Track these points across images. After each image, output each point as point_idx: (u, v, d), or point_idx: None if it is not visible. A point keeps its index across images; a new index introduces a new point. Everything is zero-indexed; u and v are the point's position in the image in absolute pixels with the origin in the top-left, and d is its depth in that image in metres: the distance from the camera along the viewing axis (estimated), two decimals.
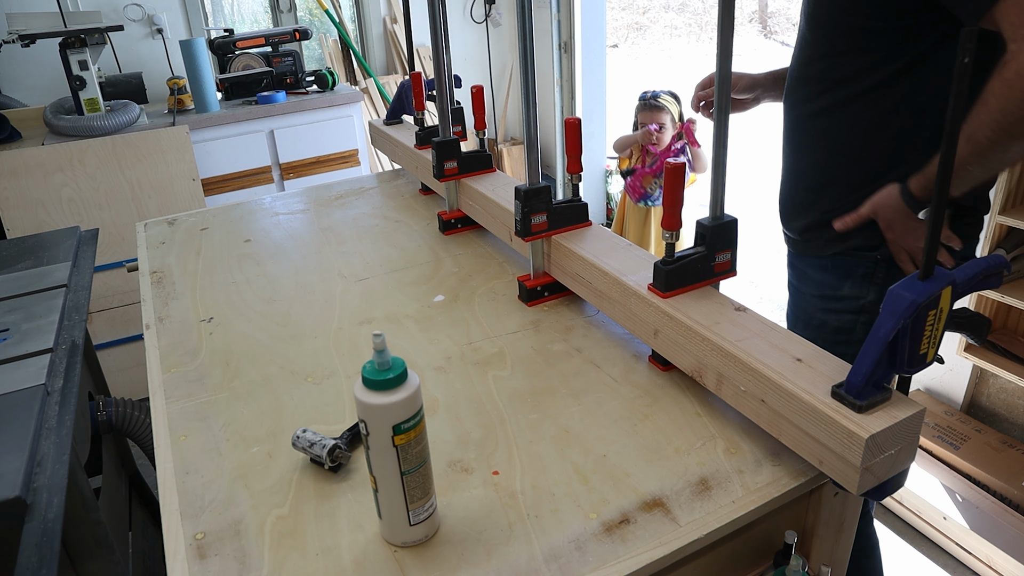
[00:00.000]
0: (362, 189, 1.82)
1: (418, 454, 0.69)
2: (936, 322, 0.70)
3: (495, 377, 1.00)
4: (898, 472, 0.74)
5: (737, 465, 0.81)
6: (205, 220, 1.67)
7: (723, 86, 0.86)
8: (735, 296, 0.95)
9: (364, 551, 0.73)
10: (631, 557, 0.70)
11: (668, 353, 0.95)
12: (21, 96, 3.29)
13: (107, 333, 2.66)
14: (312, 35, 3.35)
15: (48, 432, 1.02)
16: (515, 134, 4.69)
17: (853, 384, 0.71)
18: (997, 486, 1.95)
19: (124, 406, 1.45)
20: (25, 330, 1.26)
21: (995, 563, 1.80)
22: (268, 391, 1.00)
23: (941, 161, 0.63)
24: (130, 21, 3.46)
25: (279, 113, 2.97)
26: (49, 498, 0.91)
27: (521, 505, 0.77)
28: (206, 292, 1.31)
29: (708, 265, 0.95)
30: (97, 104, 2.66)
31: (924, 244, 0.68)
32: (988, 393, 2.20)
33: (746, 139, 5.26)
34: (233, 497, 0.81)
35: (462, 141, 1.45)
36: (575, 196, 1.18)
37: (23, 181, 2.43)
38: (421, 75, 1.64)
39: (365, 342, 1.11)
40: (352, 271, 1.36)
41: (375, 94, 4.09)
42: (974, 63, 0.59)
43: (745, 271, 2.58)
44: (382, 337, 0.66)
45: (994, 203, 1.87)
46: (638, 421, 0.89)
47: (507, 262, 1.36)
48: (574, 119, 1.10)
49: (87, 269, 1.57)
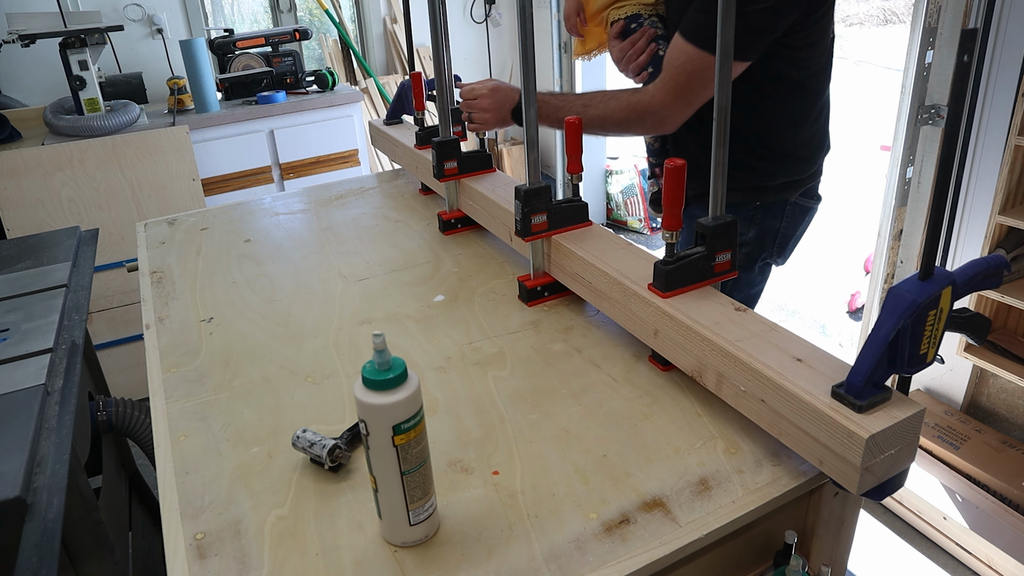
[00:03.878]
0: (362, 189, 1.82)
1: (418, 454, 0.69)
2: (936, 322, 0.70)
3: (495, 377, 1.00)
4: (898, 472, 0.74)
5: (737, 465, 0.81)
6: (205, 220, 1.67)
7: (723, 86, 0.87)
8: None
9: (364, 551, 0.73)
10: (631, 557, 0.70)
11: (668, 353, 0.95)
12: (21, 96, 3.29)
13: (107, 333, 2.65)
14: (312, 35, 3.35)
15: (48, 432, 1.02)
16: (515, 134, 4.69)
17: (853, 384, 0.71)
18: (997, 486, 1.95)
19: (124, 406, 1.45)
20: (25, 330, 1.26)
21: (995, 563, 1.80)
22: (268, 391, 1.00)
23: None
24: (130, 21, 3.46)
25: (279, 113, 2.97)
26: (49, 498, 0.91)
27: (521, 505, 0.77)
28: (206, 292, 1.31)
29: (708, 265, 0.95)
30: (97, 104, 2.66)
31: (924, 245, 0.68)
32: (988, 393, 2.20)
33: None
34: (233, 497, 0.81)
35: (462, 141, 1.45)
36: (575, 196, 1.18)
37: (23, 181, 2.43)
38: (421, 75, 1.64)
39: (365, 342, 1.11)
40: (352, 271, 1.36)
41: (375, 94, 4.09)
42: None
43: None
44: (382, 337, 0.66)
45: (994, 203, 1.87)
46: (638, 421, 0.89)
47: (507, 262, 1.36)
48: (574, 119, 1.10)
49: (87, 269, 1.57)
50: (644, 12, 1.44)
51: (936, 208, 0.68)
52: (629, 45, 1.42)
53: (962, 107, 0.62)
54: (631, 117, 1.32)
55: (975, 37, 0.59)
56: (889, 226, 2.25)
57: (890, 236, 2.26)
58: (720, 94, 0.87)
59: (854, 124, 6.04)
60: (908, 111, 2.09)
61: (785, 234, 1.45)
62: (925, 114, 2.09)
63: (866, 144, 5.44)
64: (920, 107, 2.09)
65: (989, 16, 1.83)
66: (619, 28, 1.44)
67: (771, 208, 1.41)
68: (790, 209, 1.43)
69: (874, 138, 5.28)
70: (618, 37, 1.44)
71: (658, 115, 1.29)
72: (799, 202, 1.44)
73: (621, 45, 1.44)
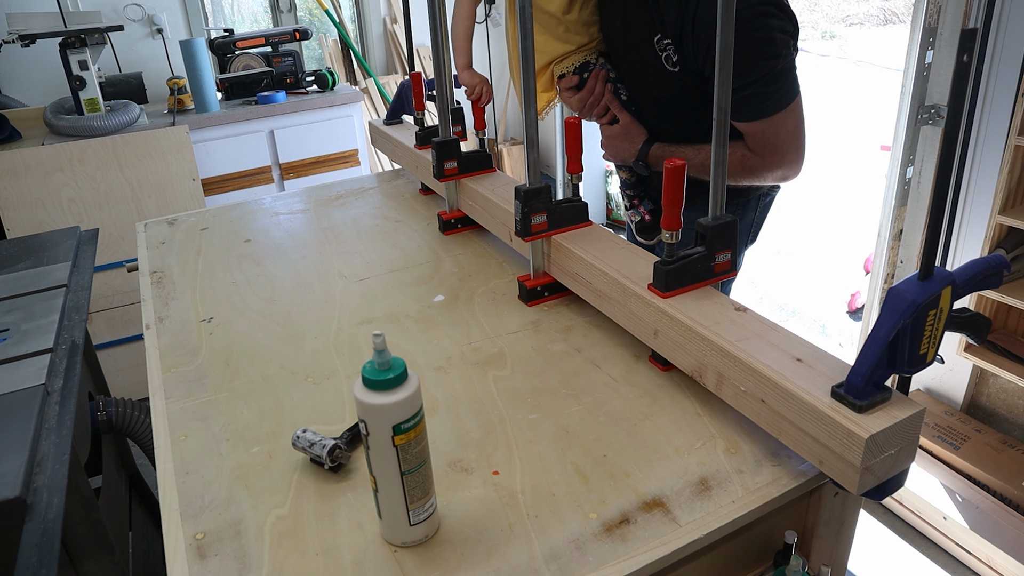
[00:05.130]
0: (362, 189, 1.82)
1: (418, 454, 0.69)
2: (936, 322, 0.70)
3: (495, 377, 1.00)
4: (898, 472, 0.74)
5: (737, 465, 0.81)
6: (205, 220, 1.67)
7: (723, 85, 0.87)
8: (735, 296, 0.95)
9: (364, 551, 0.73)
10: (631, 557, 0.70)
11: (668, 353, 0.95)
12: (21, 96, 3.29)
13: (107, 333, 2.65)
14: (312, 35, 3.35)
15: (48, 432, 1.02)
16: (515, 134, 4.69)
17: (853, 384, 0.71)
18: (997, 486, 1.95)
19: (124, 406, 1.45)
20: (25, 330, 1.26)
21: (995, 563, 1.80)
22: (268, 391, 1.00)
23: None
24: (130, 21, 3.46)
25: (279, 113, 2.97)
26: (49, 498, 0.91)
27: (521, 505, 0.77)
28: (206, 292, 1.31)
29: (708, 265, 0.95)
30: (97, 104, 2.66)
31: (924, 245, 0.68)
32: (988, 393, 2.20)
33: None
34: (233, 497, 0.81)
35: (462, 141, 1.45)
36: (575, 196, 1.18)
37: (23, 181, 2.43)
38: (421, 75, 1.64)
39: (365, 342, 1.11)
40: (352, 271, 1.36)
41: (375, 94, 4.09)
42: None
43: (745, 271, 2.58)
44: (382, 337, 0.66)
45: (994, 203, 1.87)
46: (638, 421, 0.89)
47: (507, 262, 1.36)
48: (574, 119, 1.10)
49: (87, 269, 1.57)
50: (590, 58, 1.44)
51: (936, 208, 0.68)
52: (587, 94, 1.44)
53: (962, 107, 0.62)
54: (750, 177, 1.34)
55: (975, 37, 0.59)
56: (889, 226, 2.25)
57: (890, 236, 2.26)
58: (720, 94, 0.87)
59: (854, 124, 6.04)
60: (908, 111, 2.09)
61: (759, 223, 1.55)
62: (925, 114, 2.09)
63: (866, 144, 5.44)
64: (920, 107, 2.09)
65: (989, 16, 1.83)
66: (573, 81, 1.45)
67: (748, 203, 1.49)
68: (763, 201, 1.52)
69: (874, 138, 5.28)
70: (572, 88, 1.46)
71: (794, 177, 1.35)
72: (768, 192, 1.53)
73: (579, 95, 1.45)
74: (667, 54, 1.30)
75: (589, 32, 1.44)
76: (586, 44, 1.45)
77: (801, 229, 4.16)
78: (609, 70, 1.44)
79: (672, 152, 1.39)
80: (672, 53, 1.29)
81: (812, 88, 1.28)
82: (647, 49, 1.33)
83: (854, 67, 8.22)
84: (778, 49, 1.19)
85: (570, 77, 1.45)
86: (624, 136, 1.45)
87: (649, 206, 1.54)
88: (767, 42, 1.18)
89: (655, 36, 1.30)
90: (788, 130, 1.27)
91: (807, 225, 4.23)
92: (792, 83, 1.24)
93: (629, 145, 1.45)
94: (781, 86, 1.23)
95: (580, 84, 1.45)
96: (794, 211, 4.28)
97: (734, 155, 1.31)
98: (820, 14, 9.95)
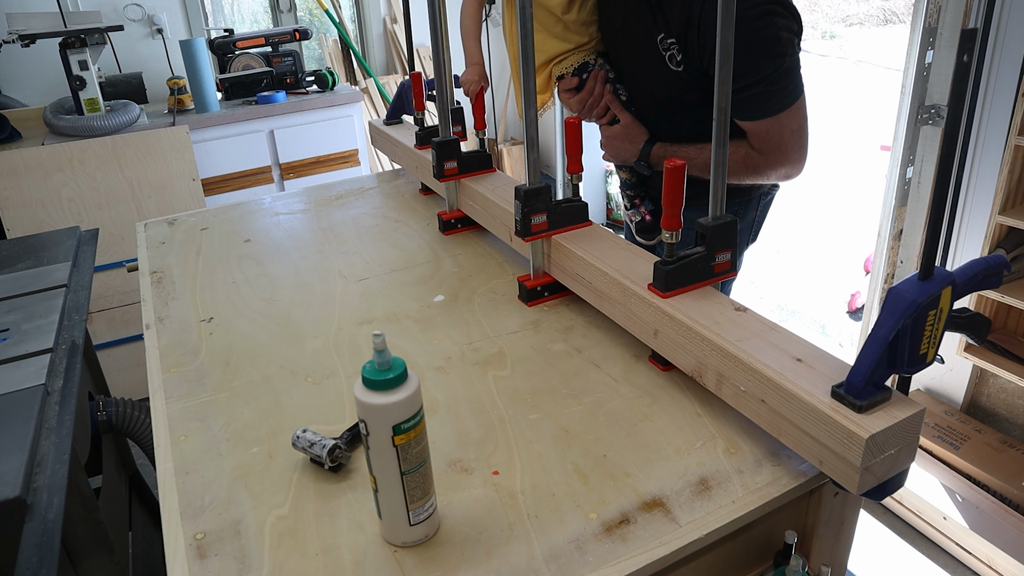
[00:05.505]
0: (362, 189, 1.82)
1: (418, 454, 0.69)
2: (936, 322, 0.70)
3: (495, 377, 1.00)
4: (898, 472, 0.74)
5: (737, 465, 0.81)
6: (205, 220, 1.67)
7: (723, 85, 0.87)
8: (735, 296, 0.95)
9: (364, 551, 0.73)
10: (631, 557, 0.70)
11: (668, 353, 0.95)
12: (21, 96, 3.29)
13: (107, 333, 2.65)
14: (312, 35, 3.35)
15: (48, 432, 1.02)
16: (515, 134, 4.69)
17: (853, 384, 0.71)
18: (997, 486, 1.95)
19: (124, 406, 1.45)
20: (25, 330, 1.26)
21: (995, 563, 1.80)
22: (268, 391, 1.00)
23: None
24: (130, 21, 3.46)
25: (279, 113, 2.97)
26: (49, 498, 0.91)
27: (521, 505, 0.77)
28: (206, 292, 1.31)
29: (708, 265, 0.95)
30: (97, 104, 2.66)
31: (924, 245, 0.68)
32: (988, 393, 2.20)
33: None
34: (233, 497, 0.81)
35: (462, 141, 1.45)
36: (575, 196, 1.18)
37: (23, 181, 2.43)
38: (421, 75, 1.64)
39: (365, 342, 1.11)
40: (352, 271, 1.36)
41: (375, 94, 4.09)
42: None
43: (745, 271, 2.58)
44: (382, 337, 0.66)
45: (994, 203, 1.87)
46: (638, 421, 0.89)
47: (507, 262, 1.36)
48: (574, 119, 1.10)
49: (87, 269, 1.57)
50: (589, 58, 1.44)
51: (936, 208, 0.68)
52: (587, 95, 1.44)
53: (962, 107, 0.62)
54: (753, 176, 1.35)
55: (975, 37, 0.59)
56: (889, 226, 2.25)
57: (890, 236, 2.26)
58: (720, 94, 0.87)
59: (854, 124, 6.04)
60: (908, 111, 2.09)
61: (759, 221, 1.56)
62: (925, 114, 2.09)
63: (866, 144, 5.44)
64: (920, 107, 2.09)
65: (989, 16, 1.83)
66: (572, 83, 1.45)
67: (749, 202, 1.49)
68: (763, 200, 1.53)
69: (874, 138, 5.28)
70: (572, 90, 1.46)
71: (797, 175, 1.35)
72: (769, 191, 1.54)
73: (579, 97, 1.45)
74: (671, 54, 1.30)
75: (588, 31, 1.44)
76: (584, 44, 1.44)
77: (801, 229, 4.16)
78: (608, 70, 1.44)
79: (674, 152, 1.39)
80: (676, 53, 1.29)
81: (812, 88, 1.27)
82: (649, 49, 1.33)
83: (854, 67, 8.22)
84: (784, 47, 1.19)
85: (569, 79, 1.45)
86: (625, 136, 1.45)
87: (650, 206, 1.54)
88: (773, 40, 1.18)
89: (658, 36, 1.30)
90: (793, 128, 1.27)
91: (807, 225, 4.23)
92: (797, 81, 1.24)
93: (630, 145, 1.45)
94: (786, 84, 1.23)
95: (579, 85, 1.45)
96: (794, 211, 4.28)
97: (737, 154, 1.31)
98: (820, 14, 9.95)
